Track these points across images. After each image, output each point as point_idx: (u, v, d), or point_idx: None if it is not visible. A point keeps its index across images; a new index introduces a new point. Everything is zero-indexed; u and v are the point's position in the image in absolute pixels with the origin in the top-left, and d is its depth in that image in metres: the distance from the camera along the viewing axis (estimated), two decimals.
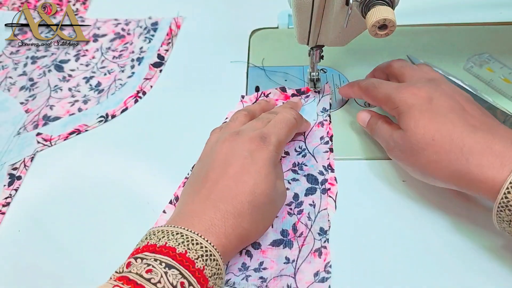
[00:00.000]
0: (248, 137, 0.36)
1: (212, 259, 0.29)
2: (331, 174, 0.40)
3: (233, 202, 0.33)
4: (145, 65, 0.53)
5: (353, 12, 0.34)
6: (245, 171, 0.34)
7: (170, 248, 0.29)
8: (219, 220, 0.32)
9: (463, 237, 0.36)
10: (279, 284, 0.33)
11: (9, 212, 0.41)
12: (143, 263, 0.28)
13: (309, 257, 0.35)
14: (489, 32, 0.53)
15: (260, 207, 0.34)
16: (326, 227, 0.36)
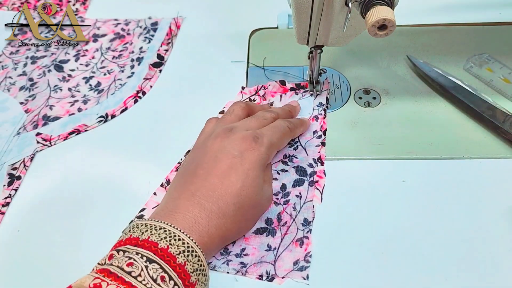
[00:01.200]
0: (241, 135, 0.36)
1: (194, 255, 0.30)
2: (320, 167, 0.41)
3: (219, 202, 0.33)
4: (145, 65, 0.53)
5: (353, 12, 0.34)
6: (233, 171, 0.34)
7: (152, 243, 0.29)
8: (203, 219, 0.32)
9: (457, 238, 0.36)
10: (258, 270, 0.34)
11: (9, 212, 0.41)
12: (124, 256, 0.28)
13: (290, 246, 0.36)
14: (489, 32, 0.53)
15: (244, 209, 0.34)
16: (310, 218, 0.37)
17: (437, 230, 0.37)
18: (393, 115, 0.45)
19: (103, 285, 0.26)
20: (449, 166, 0.41)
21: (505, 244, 0.35)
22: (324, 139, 0.43)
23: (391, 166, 0.41)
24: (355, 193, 0.39)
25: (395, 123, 0.44)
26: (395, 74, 0.49)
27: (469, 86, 0.45)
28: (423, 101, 0.46)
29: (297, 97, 0.47)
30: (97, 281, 0.26)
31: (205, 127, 0.41)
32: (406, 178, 0.40)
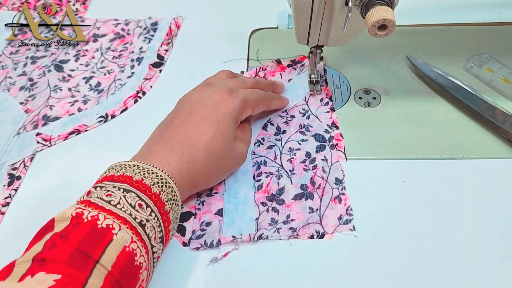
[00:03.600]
0: (217, 88, 0.38)
1: (168, 186, 0.32)
2: (336, 131, 0.43)
3: (190, 148, 0.35)
4: (145, 65, 0.53)
5: (353, 12, 0.34)
6: (206, 120, 0.36)
7: (127, 177, 0.31)
8: (175, 160, 0.34)
9: (457, 238, 0.36)
10: (308, 231, 0.36)
11: (9, 212, 0.41)
12: (102, 190, 0.30)
13: (330, 204, 0.38)
14: (489, 32, 0.53)
15: (214, 158, 0.35)
16: (341, 177, 0.40)
17: (437, 230, 0.37)
18: (393, 115, 0.45)
19: (85, 213, 0.28)
20: (449, 166, 0.41)
21: (506, 244, 0.36)
22: (332, 105, 0.45)
23: (391, 166, 0.41)
24: (355, 193, 0.39)
25: (395, 123, 0.44)
26: (395, 74, 0.49)
27: (468, 86, 0.45)
28: (423, 101, 0.46)
29: (295, 72, 0.48)
30: (79, 210, 0.28)
31: None
32: (406, 178, 0.40)
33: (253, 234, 0.36)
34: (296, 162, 0.41)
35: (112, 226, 0.27)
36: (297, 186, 0.39)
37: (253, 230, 0.37)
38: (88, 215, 0.28)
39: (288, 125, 0.44)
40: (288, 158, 0.42)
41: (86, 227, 0.27)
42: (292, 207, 0.38)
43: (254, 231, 0.37)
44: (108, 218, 0.28)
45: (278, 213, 0.38)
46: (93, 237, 0.27)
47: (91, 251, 0.26)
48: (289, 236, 0.36)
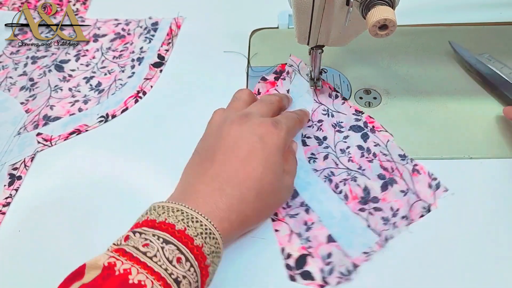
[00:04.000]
0: (259, 120, 0.36)
1: (212, 237, 0.29)
2: (363, 115, 0.44)
3: (240, 187, 0.32)
4: (145, 65, 0.53)
5: (353, 12, 0.34)
6: (254, 156, 0.34)
7: (169, 225, 0.29)
8: (224, 204, 0.31)
9: (458, 240, 0.36)
10: (417, 212, 0.37)
11: (9, 212, 0.41)
12: (141, 237, 0.28)
13: (414, 179, 0.39)
14: (489, 32, 0.53)
15: (264, 195, 0.33)
16: (402, 152, 0.41)
17: (437, 231, 0.37)
18: (393, 115, 0.45)
19: (117, 264, 0.26)
20: (449, 166, 0.41)
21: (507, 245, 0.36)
22: (342, 95, 0.46)
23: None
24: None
25: (395, 123, 0.44)
26: (396, 74, 0.49)
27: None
28: (424, 101, 0.46)
29: (287, 81, 0.48)
30: (112, 260, 0.26)
31: (213, 116, 0.40)
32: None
33: (378, 240, 0.36)
34: (357, 159, 0.41)
35: (144, 283, 0.25)
36: (376, 179, 0.39)
37: (374, 237, 0.36)
38: (121, 267, 0.26)
39: (323, 130, 0.44)
40: (347, 158, 0.41)
41: (116, 281, 0.25)
42: (388, 198, 0.38)
43: (377, 236, 0.36)
44: (141, 273, 0.26)
45: (382, 211, 0.37)
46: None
47: None
48: (407, 224, 0.36)
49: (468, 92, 0.46)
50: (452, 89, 0.47)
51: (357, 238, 0.36)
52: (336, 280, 0.34)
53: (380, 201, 0.38)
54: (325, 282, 0.34)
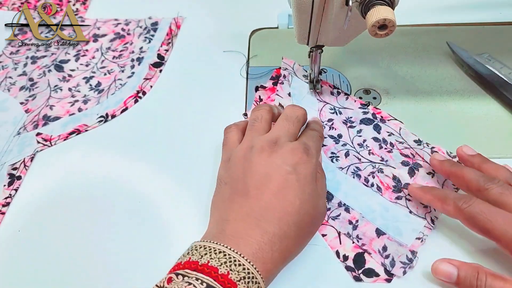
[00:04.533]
0: (290, 148, 0.34)
1: (254, 281, 0.28)
2: (369, 107, 0.45)
3: (280, 224, 0.30)
4: (145, 65, 0.53)
5: (353, 12, 0.34)
6: (289, 188, 0.32)
7: (212, 268, 0.28)
8: (266, 244, 0.30)
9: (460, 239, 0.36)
10: (450, 188, 0.38)
11: (9, 212, 0.41)
12: (184, 280, 0.27)
13: (426, 158, 0.40)
14: (489, 32, 0.53)
15: (304, 227, 0.32)
16: (416, 137, 0.42)
17: (437, 230, 0.37)
18: (393, 115, 0.45)
19: None
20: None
21: None
22: (339, 89, 0.47)
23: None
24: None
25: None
26: (395, 74, 0.49)
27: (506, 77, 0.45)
28: (423, 101, 0.46)
29: (286, 85, 0.47)
30: None
31: (228, 137, 0.38)
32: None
33: (426, 223, 0.36)
34: (376, 151, 0.42)
35: None
36: (401, 166, 0.40)
37: (420, 220, 0.36)
38: None
39: (336, 129, 0.44)
40: (367, 152, 0.42)
41: None
42: (419, 182, 0.39)
43: (423, 220, 0.36)
44: None
45: (412, 200, 0.38)
46: None
47: None
48: None
49: (467, 92, 0.46)
50: (452, 89, 0.47)
51: (404, 225, 0.36)
52: (401, 271, 0.34)
53: (409, 188, 0.38)
54: (391, 275, 0.34)
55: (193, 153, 0.44)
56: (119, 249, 0.38)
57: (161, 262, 0.36)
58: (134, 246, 0.38)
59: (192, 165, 0.43)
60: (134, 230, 0.39)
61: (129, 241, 0.38)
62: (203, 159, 0.43)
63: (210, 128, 0.45)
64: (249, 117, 0.40)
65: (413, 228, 0.36)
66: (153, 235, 0.38)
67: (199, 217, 0.39)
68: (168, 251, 0.37)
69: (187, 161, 0.43)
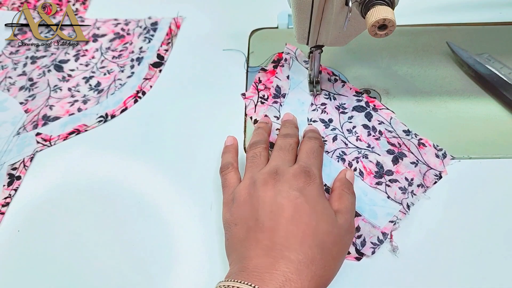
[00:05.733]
0: (291, 174, 0.34)
1: None
2: (363, 96, 0.46)
3: (302, 249, 0.30)
4: (145, 65, 0.53)
5: (353, 12, 0.34)
6: (302, 212, 0.32)
7: None
8: (293, 274, 0.29)
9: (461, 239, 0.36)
10: (431, 179, 0.40)
11: (9, 212, 0.41)
12: None
13: (421, 151, 0.41)
14: (489, 32, 0.53)
15: (328, 248, 0.31)
16: (405, 127, 0.43)
17: (437, 231, 0.37)
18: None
19: None
20: (449, 166, 0.41)
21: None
22: (338, 78, 0.48)
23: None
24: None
25: None
26: (395, 74, 0.49)
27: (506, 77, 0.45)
28: (423, 101, 0.46)
29: (286, 68, 0.49)
30: None
31: (228, 178, 0.38)
32: None
33: (402, 208, 0.38)
34: (364, 138, 0.43)
35: None
36: (386, 154, 0.41)
37: (396, 205, 0.38)
38: None
39: (327, 113, 0.45)
40: (355, 138, 0.43)
41: None
42: (401, 170, 0.40)
43: (399, 205, 0.38)
44: None
45: (398, 182, 0.39)
46: None
47: None
48: (423, 191, 0.39)
49: (467, 92, 0.46)
50: (452, 89, 0.47)
51: (380, 209, 0.38)
52: (371, 251, 0.36)
53: (394, 173, 0.40)
54: (360, 254, 0.36)
55: (193, 153, 0.44)
56: (119, 249, 0.38)
57: (161, 262, 0.36)
58: (134, 246, 0.38)
59: (192, 165, 0.43)
60: (133, 230, 0.39)
61: (128, 241, 0.38)
62: (202, 159, 0.43)
63: (210, 128, 0.45)
64: (247, 145, 0.41)
65: (387, 212, 0.38)
66: (153, 235, 0.38)
67: (198, 217, 0.39)
68: (168, 251, 0.37)
69: (187, 161, 0.43)
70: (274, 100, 0.47)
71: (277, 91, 0.47)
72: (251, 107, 0.47)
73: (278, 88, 0.47)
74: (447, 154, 0.41)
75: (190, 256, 0.37)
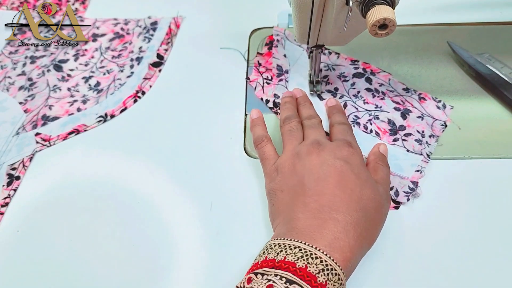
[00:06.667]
0: (334, 145, 0.36)
1: (334, 273, 0.28)
2: (359, 63, 0.48)
3: (349, 211, 0.31)
4: (145, 65, 0.52)
5: (353, 11, 0.33)
6: (348, 178, 0.33)
7: (289, 263, 0.28)
8: (341, 232, 0.30)
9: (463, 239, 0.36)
10: (439, 129, 0.43)
11: (8, 213, 0.41)
12: (263, 278, 0.27)
13: (422, 105, 0.44)
14: (490, 32, 0.53)
15: (371, 213, 0.33)
16: (404, 86, 0.46)
17: (437, 231, 0.37)
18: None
19: None
20: (449, 166, 0.41)
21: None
22: (331, 50, 0.50)
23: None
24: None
25: None
26: (396, 74, 0.48)
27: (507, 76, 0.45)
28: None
29: (280, 48, 0.51)
30: None
31: (266, 151, 0.40)
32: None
33: (423, 158, 0.40)
34: (370, 100, 0.45)
35: None
36: (394, 111, 0.44)
37: (418, 156, 0.41)
38: None
39: (331, 83, 0.47)
40: (362, 101, 0.45)
41: None
42: (411, 124, 0.43)
43: (420, 155, 0.41)
44: None
45: (412, 134, 0.42)
46: None
47: None
48: (435, 141, 0.42)
49: (468, 92, 0.46)
50: (453, 89, 0.47)
51: (404, 162, 0.40)
52: (405, 198, 0.38)
53: (406, 128, 0.43)
54: (397, 203, 0.38)
55: (193, 152, 0.44)
56: (119, 249, 0.38)
57: (161, 261, 0.36)
58: (134, 245, 0.38)
59: (192, 164, 0.43)
60: (133, 230, 0.39)
61: (128, 241, 0.38)
62: (202, 159, 0.43)
63: (209, 127, 0.45)
64: (280, 119, 0.43)
65: (412, 163, 0.40)
66: (153, 234, 0.38)
67: (198, 216, 0.39)
68: (168, 250, 0.37)
69: (187, 160, 0.43)
70: (279, 79, 0.48)
71: (279, 69, 0.49)
72: (259, 89, 0.48)
73: (279, 66, 0.49)
74: (446, 104, 0.44)
75: (190, 256, 0.37)
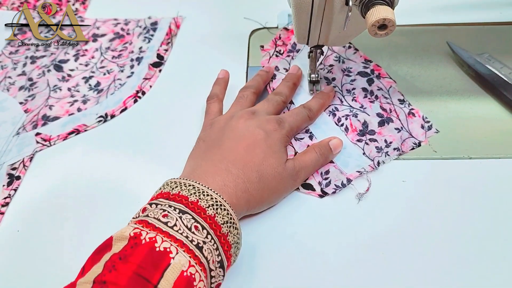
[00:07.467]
0: (266, 118, 0.40)
1: (223, 208, 0.32)
2: (371, 63, 0.48)
3: (244, 169, 0.36)
4: (145, 65, 0.52)
5: (353, 12, 0.34)
6: (258, 144, 0.37)
7: (183, 197, 0.31)
8: (230, 182, 0.35)
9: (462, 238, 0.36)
10: (408, 145, 0.42)
11: (8, 212, 0.41)
12: (158, 208, 0.30)
13: (408, 120, 0.44)
14: (490, 32, 0.53)
15: (266, 178, 0.36)
16: (401, 97, 0.46)
17: (437, 231, 0.37)
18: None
19: (143, 234, 0.28)
20: (449, 166, 0.41)
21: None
22: (353, 45, 0.50)
23: (392, 166, 0.41)
24: (355, 194, 0.39)
25: None
26: (395, 74, 0.48)
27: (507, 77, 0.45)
28: (424, 101, 0.46)
29: (287, 54, 0.51)
30: (137, 230, 0.28)
31: (211, 107, 0.44)
32: (406, 178, 0.40)
33: (372, 163, 0.41)
34: (360, 99, 0.45)
35: (170, 249, 0.28)
36: (374, 116, 0.44)
37: (368, 161, 0.41)
38: (146, 236, 0.28)
39: (332, 73, 0.48)
40: (351, 98, 0.46)
41: (144, 249, 0.27)
42: (383, 133, 0.43)
43: (370, 161, 0.41)
44: (165, 241, 0.28)
45: (377, 141, 0.42)
46: (151, 261, 0.27)
47: (149, 275, 0.26)
48: (398, 154, 0.41)
49: (468, 92, 0.46)
50: (452, 89, 0.47)
51: (353, 161, 0.41)
52: (332, 190, 0.39)
53: (376, 134, 0.43)
54: (323, 192, 0.40)
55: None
56: None
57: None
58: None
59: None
60: None
61: None
62: None
63: None
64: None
65: (358, 164, 0.41)
66: None
67: None
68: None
69: (186, 161, 0.43)
70: (287, 54, 0.51)
71: (293, 47, 0.51)
72: (265, 58, 0.51)
73: (294, 44, 0.51)
74: (433, 127, 0.43)
75: None
